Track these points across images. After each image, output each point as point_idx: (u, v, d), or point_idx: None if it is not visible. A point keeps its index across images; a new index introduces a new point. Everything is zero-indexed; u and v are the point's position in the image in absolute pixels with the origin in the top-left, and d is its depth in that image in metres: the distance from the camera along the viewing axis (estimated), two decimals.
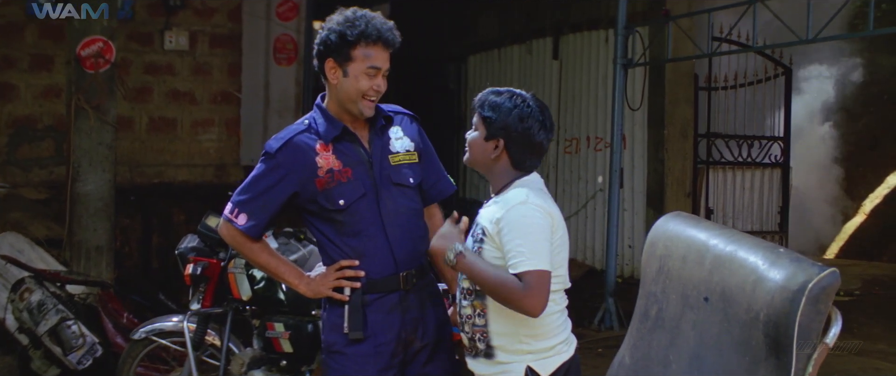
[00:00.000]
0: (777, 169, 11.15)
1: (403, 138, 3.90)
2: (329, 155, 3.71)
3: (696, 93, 10.51)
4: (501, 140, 3.49)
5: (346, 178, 3.70)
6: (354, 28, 3.63)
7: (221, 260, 5.18)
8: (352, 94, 3.69)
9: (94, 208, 8.12)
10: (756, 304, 2.96)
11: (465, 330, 3.52)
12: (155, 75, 10.44)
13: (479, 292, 3.44)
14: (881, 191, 12.51)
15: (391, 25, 3.71)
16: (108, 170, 8.18)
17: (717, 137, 10.75)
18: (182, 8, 10.43)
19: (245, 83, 11.15)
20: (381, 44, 3.66)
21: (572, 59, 11.67)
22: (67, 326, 6.47)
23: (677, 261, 3.41)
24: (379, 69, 3.68)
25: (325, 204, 3.70)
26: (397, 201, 3.79)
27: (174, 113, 10.57)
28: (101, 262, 8.14)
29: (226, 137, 10.83)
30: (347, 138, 3.76)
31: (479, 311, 3.46)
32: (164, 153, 10.53)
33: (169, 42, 10.43)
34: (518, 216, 3.37)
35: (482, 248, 3.43)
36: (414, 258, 3.82)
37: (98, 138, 8.08)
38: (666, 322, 3.41)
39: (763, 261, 3.02)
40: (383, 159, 3.80)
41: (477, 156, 3.57)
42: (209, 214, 5.30)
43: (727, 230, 3.37)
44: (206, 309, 5.19)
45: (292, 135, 3.74)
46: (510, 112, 3.48)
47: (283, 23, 11.92)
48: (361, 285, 3.71)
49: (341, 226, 3.72)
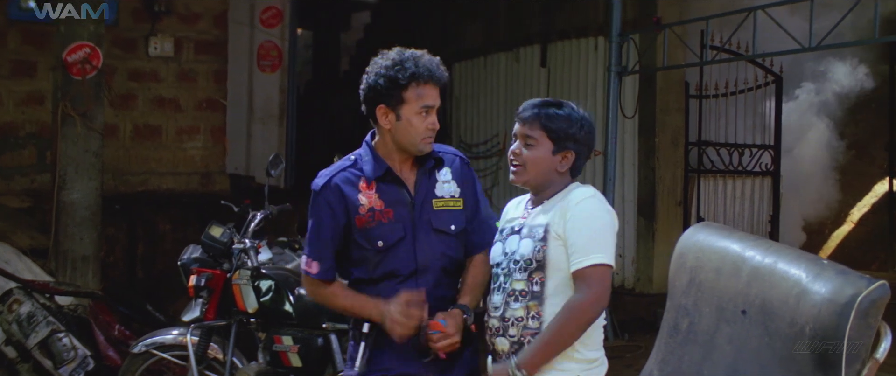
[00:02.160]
0: (768, 177, 11.12)
1: (451, 182, 3.78)
2: (372, 193, 3.64)
3: (686, 101, 10.46)
4: (571, 152, 3.48)
5: (386, 219, 3.62)
6: (404, 70, 3.56)
7: (226, 271, 5.06)
8: (411, 136, 3.62)
9: (81, 217, 7.98)
10: (801, 318, 2.87)
11: (509, 333, 3.42)
12: (139, 82, 10.29)
13: (535, 294, 3.38)
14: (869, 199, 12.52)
15: (438, 61, 3.65)
16: (94, 177, 8.04)
17: (708, 145, 10.70)
18: (167, 14, 10.29)
19: (230, 90, 11.02)
20: (433, 82, 3.59)
21: (561, 67, 11.58)
22: (58, 339, 6.32)
23: (710, 273, 3.31)
24: (433, 107, 3.60)
25: (363, 242, 3.61)
26: (435, 247, 3.68)
27: (159, 120, 10.43)
28: (88, 272, 8.00)
29: (211, 145, 10.70)
30: (391, 179, 3.67)
31: (533, 314, 3.39)
32: (149, 161, 10.38)
33: (154, 48, 10.29)
34: (588, 210, 3.38)
35: (546, 247, 3.37)
36: (438, 305, 3.66)
37: (85, 145, 7.94)
38: (699, 335, 3.31)
39: (806, 273, 2.93)
40: (426, 202, 3.70)
41: (540, 172, 3.50)
42: (212, 224, 5.18)
43: (762, 240, 3.29)
44: (209, 321, 5.06)
45: (336, 171, 3.69)
46: (580, 123, 3.49)
47: (266, 30, 11.83)
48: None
49: (375, 268, 3.63)
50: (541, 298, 3.38)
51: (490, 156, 12.94)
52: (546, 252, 3.37)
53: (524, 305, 3.39)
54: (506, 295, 3.44)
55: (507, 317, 3.42)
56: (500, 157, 12.62)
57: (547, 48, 11.83)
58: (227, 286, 5.04)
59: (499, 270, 3.52)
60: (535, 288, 3.38)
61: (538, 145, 3.48)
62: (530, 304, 3.39)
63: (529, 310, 3.39)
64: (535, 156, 3.49)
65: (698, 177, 10.62)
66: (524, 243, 3.43)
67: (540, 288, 3.38)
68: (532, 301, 3.39)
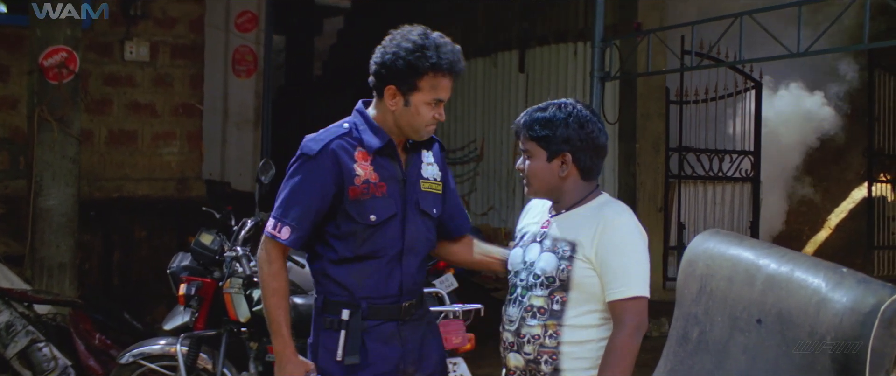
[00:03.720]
0: (747, 183, 11.13)
1: (433, 165, 3.70)
2: (367, 165, 3.50)
3: (667, 106, 10.45)
4: (567, 154, 3.35)
5: (380, 193, 3.49)
6: (425, 59, 3.42)
7: (216, 279, 4.95)
8: (414, 124, 3.51)
9: (57, 224, 7.85)
10: (821, 328, 2.81)
11: (524, 350, 3.31)
12: (115, 87, 10.12)
13: (555, 313, 3.27)
14: (846, 205, 12.55)
15: (459, 52, 3.51)
16: (71, 184, 7.91)
17: (689, 151, 10.69)
18: (143, 18, 10.12)
19: (207, 95, 10.90)
20: (451, 75, 3.47)
21: (539, 72, 11.57)
22: (38, 348, 6.18)
23: (722, 282, 3.25)
24: (443, 101, 3.50)
25: (355, 216, 3.47)
26: (419, 229, 3.60)
27: (134, 125, 10.26)
28: (65, 280, 7.86)
29: (187, 150, 10.54)
30: (389, 153, 3.55)
31: (551, 332, 3.28)
32: (124, 167, 10.20)
33: (129, 52, 10.12)
34: (625, 235, 3.30)
35: (571, 268, 3.26)
36: (416, 289, 3.63)
37: (62, 151, 7.81)
38: (710, 345, 3.25)
39: (826, 281, 2.87)
40: (416, 182, 3.61)
41: (544, 182, 3.39)
42: (202, 231, 5.07)
43: (776, 248, 3.23)
44: (199, 331, 4.95)
45: (332, 137, 3.52)
46: (566, 122, 3.33)
47: (242, 34, 11.74)
48: (361, 310, 3.49)
49: (360, 244, 3.49)
50: (560, 318, 3.28)
51: (467, 162, 12.91)
52: (571, 272, 3.27)
53: (542, 323, 3.29)
54: (523, 309, 3.33)
55: (522, 333, 3.32)
56: (478, 163, 12.58)
57: (525, 53, 11.81)
58: (217, 294, 4.94)
59: (517, 281, 3.40)
60: (556, 306, 3.28)
61: (533, 156, 3.39)
62: (548, 323, 3.29)
63: (547, 329, 3.29)
64: (533, 168, 3.40)
65: (679, 183, 10.61)
66: (547, 258, 3.32)
67: (560, 307, 3.28)
68: (551, 320, 3.29)
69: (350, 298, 3.50)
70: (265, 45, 11.98)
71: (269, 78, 12.17)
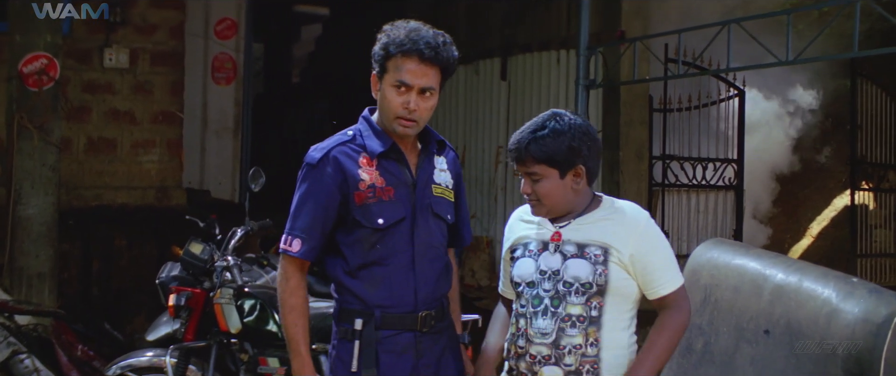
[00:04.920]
0: (731, 191, 11.12)
1: (447, 172, 3.63)
2: (372, 170, 3.43)
3: (650, 114, 10.42)
4: (580, 166, 3.32)
5: (387, 197, 3.42)
6: (388, 37, 3.38)
7: (206, 289, 4.87)
8: (385, 111, 3.44)
9: (37, 233, 7.74)
10: (832, 338, 2.78)
11: (565, 362, 3.24)
12: (94, 94, 9.99)
13: (594, 319, 3.23)
14: (828, 213, 12.57)
15: (431, 37, 3.39)
16: (51, 192, 7.81)
17: (672, 159, 10.67)
18: (123, 25, 10.00)
19: (186, 103, 10.80)
20: (416, 57, 3.34)
21: (521, 80, 11.51)
22: (20, 360, 6.06)
23: (728, 292, 3.22)
24: (409, 86, 3.37)
25: (362, 221, 3.39)
26: (433, 234, 3.52)
27: (114, 133, 10.13)
28: (44, 290, 7.75)
29: (168, 159, 10.42)
30: (394, 156, 3.47)
31: (592, 340, 3.24)
32: (104, 175, 10.07)
33: (109, 60, 10.00)
34: (654, 233, 3.32)
35: (607, 271, 3.23)
36: (434, 299, 3.53)
37: (41, 159, 7.71)
38: (715, 356, 3.22)
39: (836, 291, 2.85)
40: (427, 186, 3.53)
41: (560, 200, 3.35)
42: (192, 241, 4.99)
43: (782, 257, 3.20)
44: (188, 342, 4.86)
45: (335, 144, 3.46)
46: (571, 135, 3.29)
47: (221, 41, 11.63)
48: (375, 319, 3.41)
49: (369, 250, 3.42)
50: (599, 323, 3.24)
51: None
52: (608, 276, 3.23)
53: (583, 331, 3.24)
54: (559, 320, 3.26)
55: (562, 345, 3.25)
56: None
57: (507, 61, 11.75)
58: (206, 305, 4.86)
59: (541, 292, 3.32)
60: (594, 312, 3.24)
61: (544, 177, 3.33)
62: (589, 330, 3.24)
63: (588, 337, 3.24)
64: (546, 189, 3.34)
65: (663, 191, 10.57)
66: (578, 264, 3.26)
67: (598, 312, 3.24)
68: (591, 327, 3.24)
69: (363, 307, 3.43)
70: (245, 53, 11.87)
71: (249, 85, 12.07)
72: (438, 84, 3.44)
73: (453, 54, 3.47)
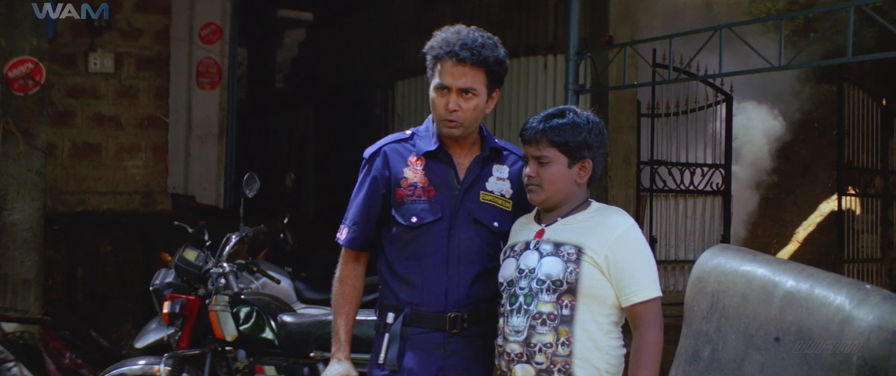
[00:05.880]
0: (718, 196, 11.11)
1: (506, 181, 3.60)
2: (418, 169, 3.50)
3: (638, 119, 10.41)
4: (589, 160, 3.33)
5: (426, 198, 3.46)
6: (430, 43, 3.47)
7: (201, 296, 4.80)
8: (434, 113, 3.50)
9: (22, 239, 7.64)
10: (846, 346, 2.74)
11: (536, 360, 3.23)
12: (78, 98, 9.90)
13: (566, 318, 3.21)
14: (814, 218, 12.59)
15: (469, 39, 3.42)
16: (37, 198, 7.71)
17: (660, 165, 10.66)
18: (108, 29, 9.91)
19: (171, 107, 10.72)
20: (452, 59, 3.39)
21: (508, 85, 11.44)
22: (7, 368, 5.98)
23: (736, 299, 3.17)
24: (448, 87, 3.41)
25: (398, 217, 3.47)
26: (472, 239, 3.51)
27: (98, 138, 10.04)
28: (29, 297, 7.64)
29: (153, 164, 10.34)
30: (442, 158, 3.51)
31: (563, 340, 3.22)
32: (88, 180, 9.98)
33: (93, 64, 9.91)
34: (634, 240, 3.28)
35: (579, 270, 3.21)
36: (468, 302, 3.51)
37: (27, 164, 7.62)
38: (723, 364, 3.17)
39: (849, 298, 2.81)
40: (473, 191, 3.52)
41: (560, 188, 3.34)
42: (186, 247, 4.93)
43: (792, 264, 3.16)
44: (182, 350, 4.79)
45: (388, 141, 3.59)
46: (588, 128, 3.33)
47: (206, 46, 11.55)
48: (405, 315, 3.46)
49: (405, 247, 3.47)
50: (571, 323, 3.22)
51: None
52: (579, 275, 3.22)
53: (553, 329, 3.22)
54: (530, 318, 3.25)
55: (533, 343, 3.24)
56: None
57: None
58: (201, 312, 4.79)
59: (517, 290, 3.32)
60: (565, 311, 3.22)
61: (552, 162, 3.33)
62: (560, 329, 3.22)
63: (559, 336, 3.22)
64: (552, 174, 3.33)
65: (651, 196, 10.57)
66: (550, 262, 3.26)
67: (570, 311, 3.23)
68: (562, 325, 3.22)
69: (397, 302, 3.50)
70: (230, 57, 11.80)
71: (233, 90, 12.01)
72: (484, 84, 3.46)
73: (496, 54, 3.49)
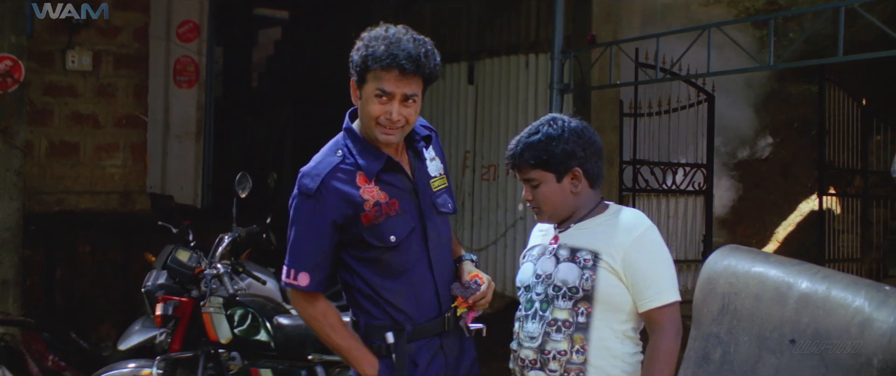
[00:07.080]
0: (700, 196, 11.12)
1: (436, 159, 3.55)
2: (372, 187, 3.32)
3: (621, 119, 10.39)
4: (577, 169, 3.27)
5: (393, 211, 3.33)
6: (368, 49, 3.25)
7: (194, 298, 4.72)
8: (365, 119, 3.33)
9: (1, 239, 7.53)
10: (866, 349, 2.71)
11: (550, 367, 3.19)
12: (56, 97, 9.77)
13: (581, 325, 3.16)
14: (794, 218, 12.62)
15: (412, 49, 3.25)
16: (16, 198, 7.61)
17: (642, 164, 10.65)
18: (86, 27, 9.78)
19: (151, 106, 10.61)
20: (397, 71, 3.22)
21: (489, 84, 11.42)
22: None
23: (748, 300, 3.13)
24: (391, 94, 3.26)
25: (374, 241, 3.30)
26: (440, 232, 3.45)
27: (76, 137, 9.91)
28: (8, 298, 7.55)
29: (131, 163, 10.22)
30: (390, 168, 3.37)
31: (578, 347, 3.18)
32: (66, 179, 9.85)
33: (71, 62, 9.79)
34: (651, 244, 3.22)
35: (595, 277, 3.16)
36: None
37: (6, 164, 7.53)
38: (736, 366, 3.13)
39: (868, 300, 2.77)
40: (426, 186, 3.45)
41: (559, 204, 3.31)
42: (179, 248, 4.84)
43: (806, 265, 3.12)
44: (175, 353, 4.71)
45: (326, 172, 3.33)
46: (563, 137, 3.27)
47: (183, 44, 11.45)
48: (407, 332, 3.34)
49: (387, 267, 3.33)
50: (586, 330, 3.17)
51: None
52: (595, 282, 3.17)
53: (568, 337, 3.18)
54: (545, 324, 3.21)
55: (547, 350, 3.20)
56: None
57: (475, 65, 11.66)
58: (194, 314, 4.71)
59: (533, 295, 3.29)
60: (581, 318, 3.17)
61: (542, 182, 3.30)
62: (575, 336, 3.17)
63: (574, 343, 3.17)
64: (544, 194, 3.31)
65: (633, 196, 10.54)
66: (567, 268, 3.21)
67: (586, 319, 3.18)
68: (577, 333, 3.17)
69: (391, 321, 3.36)
70: (207, 56, 11.70)
71: (210, 89, 11.89)
72: (421, 89, 3.35)
73: (435, 62, 3.36)
